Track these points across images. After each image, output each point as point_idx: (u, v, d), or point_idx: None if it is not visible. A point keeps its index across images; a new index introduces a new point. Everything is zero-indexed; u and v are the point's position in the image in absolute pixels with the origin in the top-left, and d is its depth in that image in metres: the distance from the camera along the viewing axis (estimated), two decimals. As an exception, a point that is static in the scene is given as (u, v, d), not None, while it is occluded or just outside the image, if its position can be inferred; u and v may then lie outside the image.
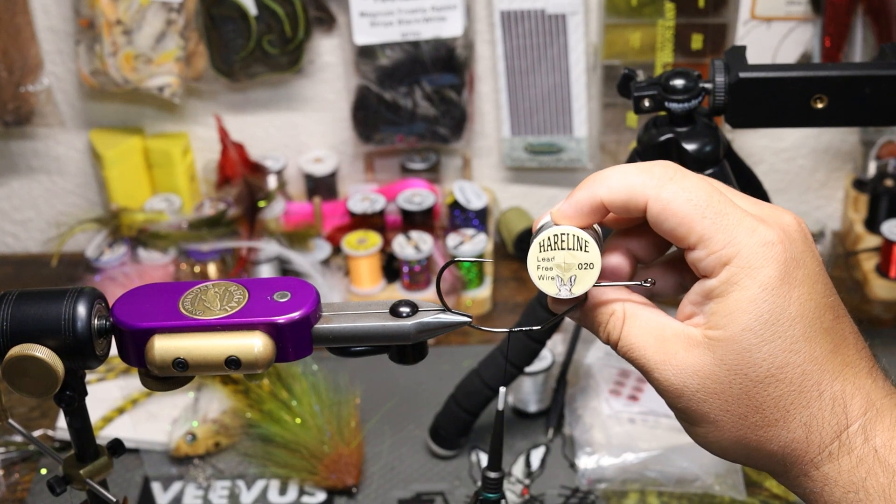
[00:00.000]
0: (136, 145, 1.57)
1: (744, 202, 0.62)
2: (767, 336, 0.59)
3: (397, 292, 1.46)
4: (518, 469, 1.20)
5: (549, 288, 0.62)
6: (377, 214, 1.49)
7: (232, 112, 1.57)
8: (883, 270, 1.44)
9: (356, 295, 1.45)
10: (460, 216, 1.51)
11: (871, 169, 1.50)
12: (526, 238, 1.54)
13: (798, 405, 0.60)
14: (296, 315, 0.63)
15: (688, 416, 0.62)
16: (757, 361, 0.59)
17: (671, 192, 0.60)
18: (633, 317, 0.63)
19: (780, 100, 1.00)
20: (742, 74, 0.99)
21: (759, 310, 0.59)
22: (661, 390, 0.62)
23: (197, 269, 1.46)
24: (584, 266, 0.62)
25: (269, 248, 1.44)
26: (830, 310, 0.62)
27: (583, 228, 0.62)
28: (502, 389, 0.66)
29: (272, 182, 1.56)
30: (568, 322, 1.32)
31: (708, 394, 0.60)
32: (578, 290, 0.62)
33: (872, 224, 1.49)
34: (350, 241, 1.45)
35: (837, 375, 0.60)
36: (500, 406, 0.66)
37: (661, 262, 0.67)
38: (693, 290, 0.62)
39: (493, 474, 0.68)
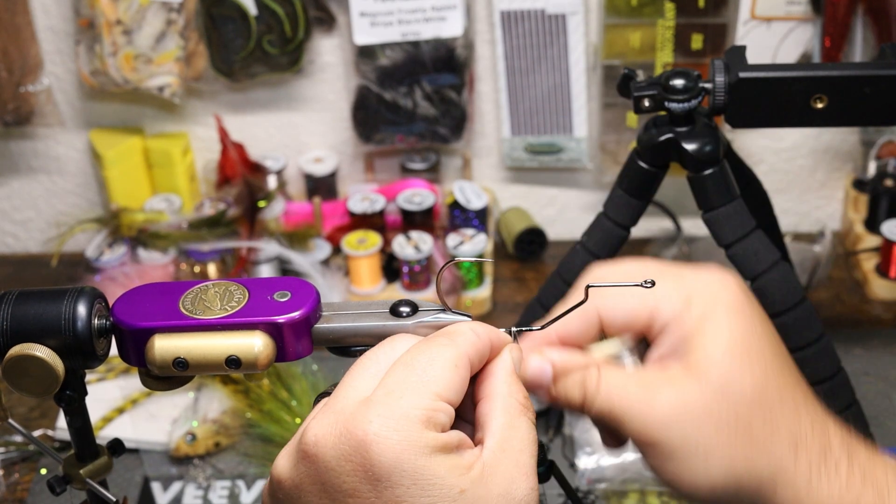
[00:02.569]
0: (136, 145, 1.57)
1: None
2: (745, 355, 0.60)
3: (397, 292, 1.46)
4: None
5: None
6: (377, 214, 1.49)
7: (232, 112, 1.57)
8: (883, 270, 1.44)
9: (356, 295, 1.45)
10: (460, 216, 1.51)
11: (871, 169, 1.50)
12: (526, 238, 1.54)
13: (782, 423, 0.60)
14: (296, 315, 0.63)
15: (678, 451, 0.61)
16: (740, 380, 0.60)
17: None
18: (607, 375, 0.63)
19: (780, 100, 1.00)
20: (742, 74, 0.99)
21: (732, 331, 0.60)
22: (648, 431, 0.61)
23: (197, 269, 1.46)
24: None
25: (269, 248, 1.44)
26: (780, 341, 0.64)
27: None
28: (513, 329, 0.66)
29: (272, 182, 1.56)
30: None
31: (698, 421, 0.60)
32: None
33: (872, 224, 1.49)
34: (350, 241, 1.45)
35: (808, 398, 0.62)
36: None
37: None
38: (660, 346, 0.63)
39: None
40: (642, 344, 0.66)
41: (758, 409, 0.60)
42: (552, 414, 1.26)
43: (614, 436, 0.66)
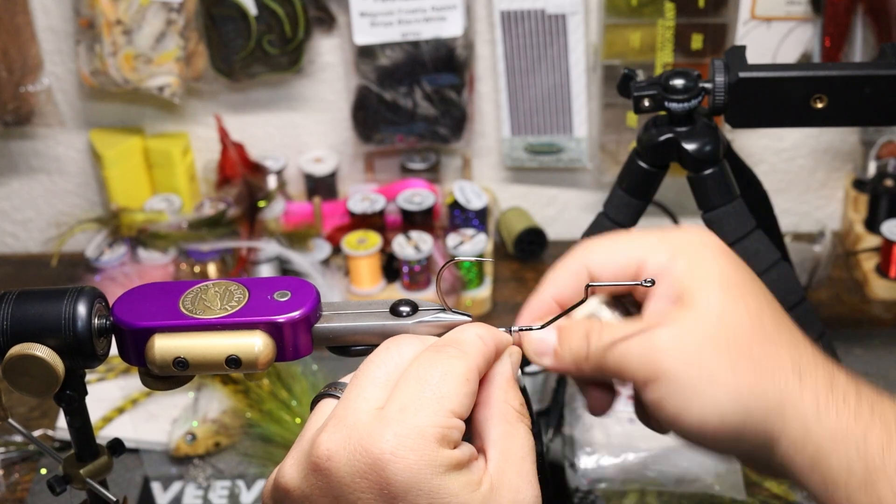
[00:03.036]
0: (136, 145, 1.57)
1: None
2: (738, 288, 0.62)
3: (397, 292, 1.46)
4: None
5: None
6: (377, 214, 1.49)
7: (232, 112, 1.57)
8: (883, 270, 1.44)
9: (356, 295, 1.45)
10: (460, 216, 1.51)
11: (871, 169, 1.50)
12: (526, 238, 1.54)
13: (783, 352, 0.61)
14: (296, 314, 0.63)
15: (683, 379, 0.60)
16: (735, 309, 0.61)
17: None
18: (608, 329, 0.64)
19: (780, 100, 1.00)
20: (742, 74, 0.99)
21: (722, 270, 0.62)
22: (652, 364, 0.61)
23: (197, 269, 1.46)
24: None
25: (269, 248, 1.44)
26: (760, 286, 0.65)
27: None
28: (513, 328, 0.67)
29: (272, 182, 1.56)
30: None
31: (699, 347, 0.60)
32: None
33: (872, 224, 1.49)
34: (350, 241, 1.45)
35: (806, 339, 0.63)
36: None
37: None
38: (653, 299, 0.64)
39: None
40: (622, 302, 0.67)
41: (757, 336, 0.61)
42: (552, 414, 1.26)
43: (604, 395, 0.67)
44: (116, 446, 0.76)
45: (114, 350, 0.66)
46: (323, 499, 0.57)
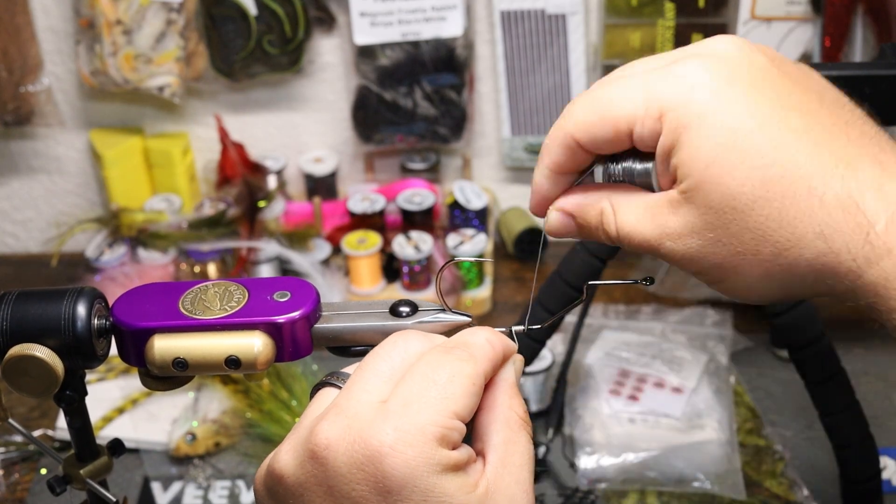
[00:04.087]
0: (136, 145, 1.57)
1: (656, 61, 0.60)
2: (733, 160, 0.55)
3: (397, 292, 1.46)
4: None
5: None
6: (377, 214, 1.49)
7: (232, 112, 1.57)
8: (883, 270, 1.44)
9: (356, 295, 1.45)
10: (460, 216, 1.51)
11: (871, 169, 1.50)
12: (526, 238, 1.54)
13: (801, 218, 0.55)
14: (296, 315, 0.63)
15: (709, 275, 0.59)
16: (736, 190, 0.56)
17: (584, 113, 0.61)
18: (621, 205, 0.62)
19: (780, 100, 1.00)
20: (742, 74, 0.99)
21: (710, 139, 0.56)
22: (674, 261, 0.60)
23: (197, 269, 1.46)
24: None
25: (269, 248, 1.44)
26: (798, 107, 0.57)
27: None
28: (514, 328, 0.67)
29: (272, 182, 1.56)
30: (568, 322, 1.32)
31: (713, 244, 0.58)
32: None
33: (872, 224, 1.49)
34: (350, 241, 1.45)
35: (832, 173, 0.55)
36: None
37: None
38: (656, 163, 0.60)
39: None
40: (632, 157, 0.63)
41: (767, 213, 0.55)
42: (552, 414, 1.26)
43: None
44: (116, 447, 0.76)
45: (113, 350, 0.66)
46: (317, 488, 0.56)
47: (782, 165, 0.55)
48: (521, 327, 0.66)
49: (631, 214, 0.61)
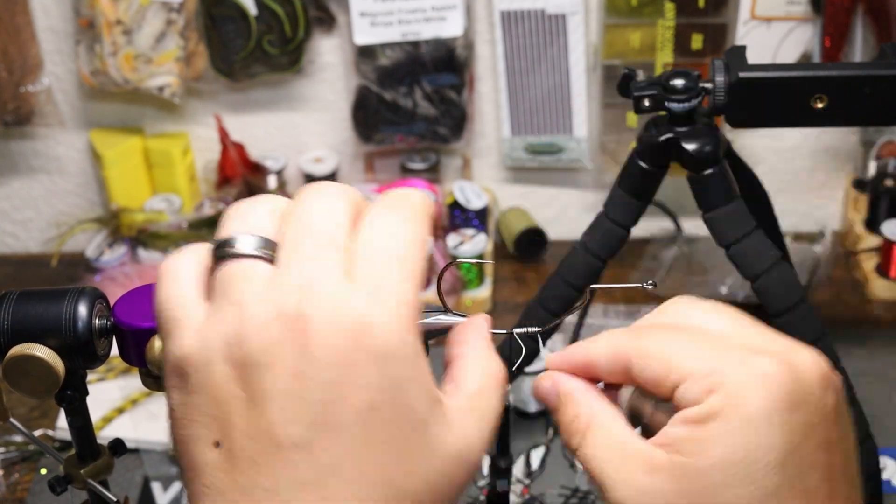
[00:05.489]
0: (136, 145, 1.57)
1: (748, 335, 0.55)
2: (738, 478, 0.51)
3: (397, 292, 1.46)
4: (518, 469, 1.20)
5: None
6: (377, 214, 1.48)
7: (232, 112, 1.57)
8: (883, 270, 1.44)
9: (356, 295, 1.45)
10: (460, 216, 1.51)
11: (871, 169, 1.50)
12: (526, 238, 1.54)
13: None
14: (296, 315, 0.63)
15: None
16: (722, 502, 0.52)
17: (649, 338, 0.55)
18: (597, 427, 0.57)
19: (780, 100, 1.00)
20: (742, 74, 0.99)
21: (735, 445, 0.51)
22: None
23: (197, 269, 1.46)
24: None
25: (269, 248, 1.44)
26: (819, 469, 0.53)
27: None
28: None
29: (272, 182, 1.56)
30: (568, 322, 1.33)
31: None
32: None
33: (872, 224, 1.49)
34: (350, 241, 1.44)
35: None
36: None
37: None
38: (673, 418, 0.54)
39: (503, 462, 0.69)
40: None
41: None
42: (552, 414, 1.26)
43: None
44: (117, 446, 0.76)
45: (114, 350, 0.66)
46: (290, 356, 0.47)
47: None
48: (522, 329, 0.66)
49: (601, 446, 0.56)
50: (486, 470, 1.05)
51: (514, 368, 0.63)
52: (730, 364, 0.52)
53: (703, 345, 0.54)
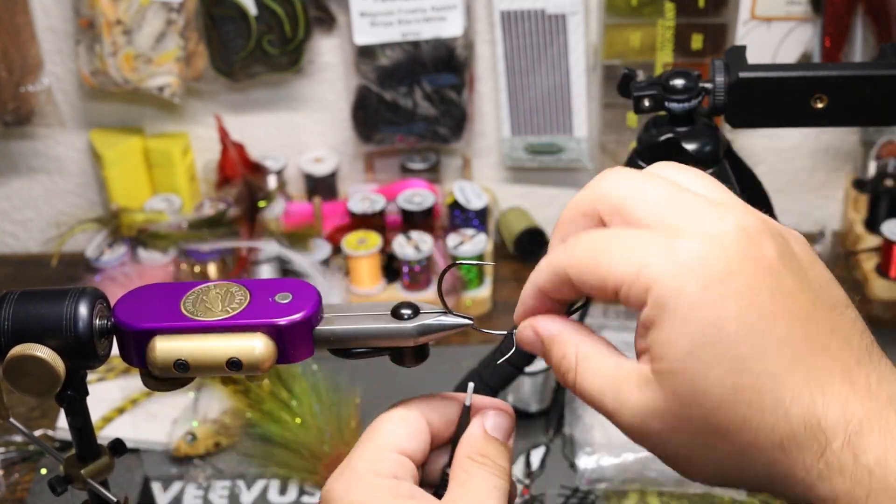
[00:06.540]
0: (136, 145, 1.57)
1: (665, 209, 0.56)
2: (711, 359, 0.53)
3: (397, 292, 1.46)
4: (518, 469, 1.20)
5: None
6: (377, 214, 1.49)
7: (232, 112, 1.57)
8: (883, 270, 1.44)
9: (356, 295, 1.45)
10: (460, 216, 1.51)
11: (871, 169, 1.50)
12: (526, 238, 1.54)
13: (764, 428, 0.54)
14: (297, 317, 0.63)
15: (660, 455, 0.58)
16: (707, 388, 0.53)
17: (575, 248, 0.58)
18: (586, 359, 0.59)
19: (780, 100, 1.00)
20: (742, 74, 0.99)
21: (692, 332, 0.53)
22: (627, 434, 0.58)
23: (197, 269, 1.46)
24: None
25: (269, 248, 1.44)
26: (785, 316, 0.54)
27: None
28: (470, 385, 0.66)
29: (272, 182, 1.56)
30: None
31: (670, 431, 0.55)
32: None
33: (872, 224, 1.49)
34: (350, 242, 1.45)
35: (803, 389, 0.53)
36: (467, 402, 0.67)
37: None
38: (636, 327, 0.57)
39: None
40: None
41: (732, 416, 0.54)
42: (552, 414, 1.26)
43: None
44: (118, 446, 0.76)
45: (114, 350, 0.66)
46: None
47: (757, 375, 0.53)
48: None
49: (594, 376, 0.58)
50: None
51: (504, 363, 0.63)
52: (654, 256, 0.54)
53: (626, 241, 0.55)
